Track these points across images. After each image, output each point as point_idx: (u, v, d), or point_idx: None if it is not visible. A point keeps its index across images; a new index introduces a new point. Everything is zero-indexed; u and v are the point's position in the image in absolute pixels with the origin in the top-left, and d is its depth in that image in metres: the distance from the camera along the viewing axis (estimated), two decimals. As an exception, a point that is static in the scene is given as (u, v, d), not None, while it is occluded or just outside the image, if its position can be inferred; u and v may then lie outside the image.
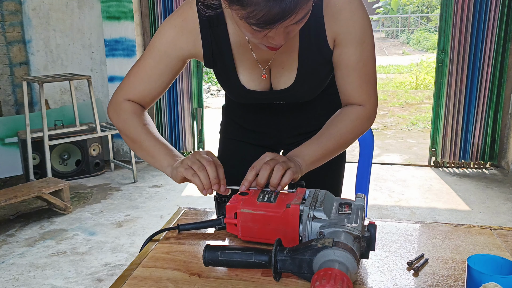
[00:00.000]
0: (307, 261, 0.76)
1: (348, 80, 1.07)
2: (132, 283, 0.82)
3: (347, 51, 1.03)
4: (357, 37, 1.02)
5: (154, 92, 1.12)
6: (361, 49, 1.04)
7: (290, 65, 1.08)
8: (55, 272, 2.55)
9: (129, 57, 4.36)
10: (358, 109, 1.09)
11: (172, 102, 4.55)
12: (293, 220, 0.85)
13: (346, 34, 1.02)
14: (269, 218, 0.87)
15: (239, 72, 1.10)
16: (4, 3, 4.34)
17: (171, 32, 1.07)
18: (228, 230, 0.94)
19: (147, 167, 4.46)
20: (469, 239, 0.96)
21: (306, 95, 1.14)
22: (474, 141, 4.17)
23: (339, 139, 1.06)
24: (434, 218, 3.26)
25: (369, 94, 1.09)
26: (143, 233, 3.01)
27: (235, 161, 1.29)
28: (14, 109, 4.55)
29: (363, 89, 1.08)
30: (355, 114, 1.09)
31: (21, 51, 4.57)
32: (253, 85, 1.11)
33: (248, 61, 1.09)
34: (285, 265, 0.78)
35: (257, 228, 0.89)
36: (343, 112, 1.10)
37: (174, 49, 1.08)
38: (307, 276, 0.76)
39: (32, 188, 3.20)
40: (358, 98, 1.09)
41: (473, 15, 3.90)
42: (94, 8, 4.43)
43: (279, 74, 1.10)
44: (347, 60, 1.05)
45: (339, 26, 1.01)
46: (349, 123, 1.08)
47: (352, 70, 1.05)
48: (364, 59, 1.05)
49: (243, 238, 0.92)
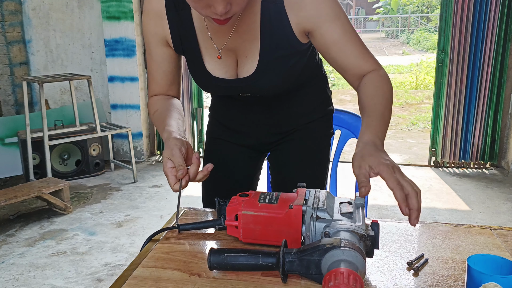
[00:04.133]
0: (316, 261, 0.75)
1: (346, 53, 1.03)
2: (132, 283, 0.82)
3: (327, 30, 1.01)
4: (330, 16, 1.00)
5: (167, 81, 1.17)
6: (340, 23, 1.01)
7: (253, 53, 1.06)
8: (55, 272, 2.55)
9: (129, 57, 4.36)
10: (375, 72, 1.05)
11: (172, 102, 4.55)
12: (296, 221, 0.85)
13: (316, 18, 1.00)
14: (271, 219, 0.87)
15: (205, 60, 1.10)
16: (4, 3, 4.34)
17: (145, 20, 1.11)
18: (228, 232, 0.93)
19: (147, 167, 4.46)
20: (469, 239, 0.96)
21: (270, 86, 1.11)
22: (474, 141, 4.17)
23: (386, 102, 1.01)
24: (434, 218, 3.26)
25: (372, 57, 1.06)
26: (143, 233, 3.01)
27: (218, 159, 1.30)
28: (14, 109, 4.55)
29: (365, 54, 1.05)
30: (377, 75, 1.04)
31: (21, 51, 4.57)
32: (218, 72, 1.10)
33: (211, 48, 1.08)
34: (293, 267, 0.77)
35: (259, 230, 0.88)
36: (367, 81, 1.04)
37: (152, 36, 1.12)
38: (316, 277, 0.76)
39: (32, 188, 3.19)
40: (366, 64, 1.05)
41: (473, 15, 3.90)
42: (94, 8, 4.43)
43: (243, 63, 1.09)
44: (332, 37, 1.02)
45: (306, 12, 1.00)
46: (380, 83, 1.03)
47: (344, 42, 1.02)
48: (348, 29, 1.02)
49: (245, 240, 0.91)
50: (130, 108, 4.49)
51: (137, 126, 4.52)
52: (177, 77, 1.19)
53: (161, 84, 1.18)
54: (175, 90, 1.21)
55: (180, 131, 1.05)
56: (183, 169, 0.92)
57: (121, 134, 4.46)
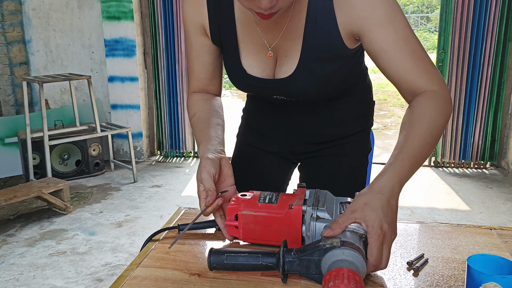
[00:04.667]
0: (316, 261, 0.75)
1: (397, 64, 0.90)
2: (132, 283, 0.81)
3: (377, 35, 0.89)
4: (382, 18, 0.88)
5: (207, 74, 1.10)
6: (394, 28, 0.89)
7: (294, 53, 0.98)
8: (55, 272, 2.54)
9: (129, 57, 4.36)
10: (429, 93, 0.90)
11: (172, 102, 4.55)
12: (296, 220, 0.85)
13: (366, 19, 0.89)
14: (271, 219, 0.87)
15: (242, 56, 1.03)
16: (4, 3, 4.34)
17: (184, 6, 1.05)
18: (228, 232, 0.93)
19: (147, 167, 4.46)
20: (469, 239, 0.96)
21: (307, 90, 1.02)
22: (474, 141, 4.17)
23: (428, 135, 0.85)
24: (434, 218, 3.26)
25: (430, 72, 0.91)
26: (143, 233, 3.01)
27: (247, 166, 1.25)
28: (14, 109, 4.55)
29: (420, 67, 0.90)
30: (429, 98, 0.89)
31: (21, 51, 4.57)
32: (255, 70, 1.03)
33: (252, 43, 1.01)
34: (292, 267, 0.77)
35: (259, 230, 0.88)
36: (415, 104, 0.90)
37: (191, 24, 1.04)
38: (315, 277, 0.76)
39: (32, 188, 3.19)
40: (420, 80, 0.90)
41: (473, 15, 3.90)
42: (94, 8, 4.43)
43: (282, 63, 1.01)
44: (381, 44, 0.89)
45: (355, 13, 0.89)
46: (429, 109, 0.87)
47: (394, 51, 0.89)
48: (403, 36, 0.89)
49: (244, 240, 0.91)
50: (130, 108, 4.49)
51: (137, 126, 4.52)
52: (217, 71, 1.12)
53: (200, 78, 1.11)
54: (216, 86, 1.14)
55: (218, 141, 0.99)
56: (211, 194, 0.88)
57: (121, 134, 4.45)
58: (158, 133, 4.70)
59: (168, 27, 4.36)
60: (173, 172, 4.30)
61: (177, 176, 4.19)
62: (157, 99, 4.59)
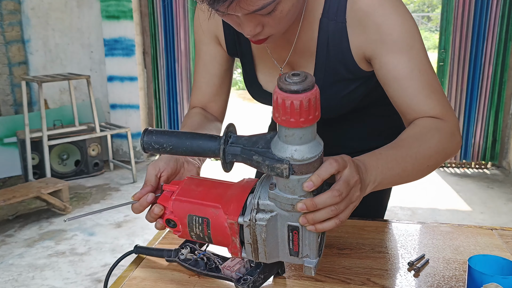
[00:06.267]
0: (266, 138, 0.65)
1: (408, 93, 0.84)
2: (132, 283, 0.81)
3: (388, 61, 0.83)
4: (398, 44, 0.82)
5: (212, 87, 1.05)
6: (409, 56, 0.82)
7: (309, 71, 0.95)
8: (54, 272, 2.54)
9: (128, 56, 4.36)
10: (437, 122, 0.84)
11: (172, 102, 4.55)
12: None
13: (379, 43, 0.83)
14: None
15: (258, 69, 1.02)
16: (3, 3, 4.33)
17: (197, 15, 1.03)
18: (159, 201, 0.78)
19: (146, 167, 4.45)
20: (470, 239, 0.96)
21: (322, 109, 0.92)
22: (475, 141, 4.17)
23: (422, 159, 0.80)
24: (435, 218, 3.26)
25: (443, 104, 0.85)
26: (142, 233, 3.01)
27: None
28: (13, 109, 4.54)
29: (432, 99, 0.84)
30: (437, 126, 0.83)
31: (20, 51, 4.57)
32: (271, 85, 1.01)
33: (267, 59, 1.00)
34: (237, 150, 0.66)
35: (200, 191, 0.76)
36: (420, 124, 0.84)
37: (204, 32, 1.02)
38: (263, 152, 0.64)
39: (31, 188, 3.19)
40: (431, 111, 0.84)
41: (474, 14, 3.89)
42: (93, 8, 4.42)
43: None
44: (394, 72, 0.83)
45: (368, 35, 0.84)
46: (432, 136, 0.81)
47: (408, 81, 0.83)
48: (418, 66, 0.83)
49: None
50: (129, 107, 4.49)
51: (136, 126, 4.51)
52: (223, 87, 1.07)
53: (203, 91, 1.06)
54: (218, 105, 1.08)
55: None
56: (143, 188, 0.80)
57: (120, 134, 4.45)
58: (157, 133, 4.69)
59: (167, 27, 4.35)
60: (173, 172, 4.30)
61: (177, 176, 4.18)
62: (156, 99, 4.58)
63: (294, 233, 0.68)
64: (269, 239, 0.69)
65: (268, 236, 0.68)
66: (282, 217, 0.68)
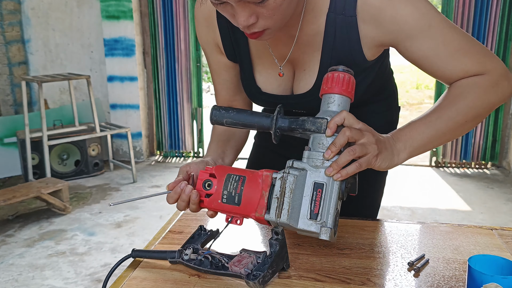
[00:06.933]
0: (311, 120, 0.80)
1: (439, 67, 0.88)
2: (132, 283, 0.81)
3: (411, 45, 0.87)
4: (415, 30, 0.85)
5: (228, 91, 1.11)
6: (430, 36, 0.85)
7: (312, 67, 0.95)
8: (54, 272, 2.54)
9: (129, 56, 4.36)
10: (476, 78, 0.88)
11: (172, 102, 4.55)
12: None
13: (398, 32, 0.86)
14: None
15: (256, 71, 1.02)
16: (3, 3, 4.33)
17: (197, 28, 1.05)
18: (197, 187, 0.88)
19: (146, 167, 4.46)
20: (470, 239, 0.96)
21: None
22: (475, 141, 4.17)
23: (455, 117, 0.86)
24: (435, 218, 3.26)
25: (479, 60, 0.88)
26: (142, 233, 3.01)
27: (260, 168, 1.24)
28: (13, 109, 4.54)
29: (465, 62, 0.87)
30: (474, 84, 0.87)
31: (20, 51, 4.57)
32: (270, 87, 1.01)
33: (266, 59, 1.00)
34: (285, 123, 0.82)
35: None
36: (457, 85, 0.89)
37: (206, 44, 1.05)
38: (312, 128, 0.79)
39: (31, 188, 3.19)
40: (468, 72, 0.88)
41: (474, 14, 3.89)
42: (93, 8, 4.42)
43: (300, 77, 0.98)
44: (419, 52, 0.87)
45: (384, 28, 0.86)
46: (466, 95, 0.87)
47: (435, 57, 0.87)
48: (442, 40, 0.85)
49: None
50: (129, 107, 4.49)
51: (136, 126, 4.51)
52: (239, 87, 1.10)
53: (223, 95, 1.12)
54: (240, 102, 1.13)
55: (222, 157, 1.05)
56: (176, 181, 0.88)
57: (121, 134, 4.45)
58: (157, 133, 4.70)
59: (167, 27, 4.35)
60: (173, 172, 4.30)
61: (177, 176, 4.18)
62: (156, 99, 4.58)
63: (318, 191, 0.77)
64: (296, 192, 0.77)
65: (295, 189, 0.77)
66: (310, 175, 0.78)
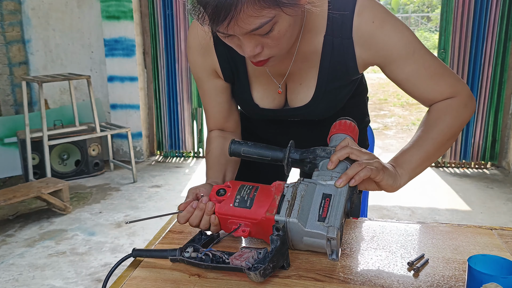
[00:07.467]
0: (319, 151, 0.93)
1: (419, 88, 1.01)
2: (132, 283, 0.81)
3: (397, 67, 0.99)
4: (402, 53, 0.97)
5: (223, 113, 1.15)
6: (413, 60, 0.97)
7: (309, 81, 1.04)
8: (55, 272, 2.54)
9: (129, 56, 4.36)
10: (449, 101, 1.01)
11: (172, 102, 4.55)
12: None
13: (387, 56, 0.98)
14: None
15: (253, 89, 1.08)
16: (4, 3, 4.33)
17: (191, 57, 1.09)
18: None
19: (146, 167, 4.46)
20: (470, 239, 0.96)
21: (322, 114, 1.10)
22: (475, 141, 4.17)
23: (438, 138, 0.99)
24: (434, 218, 3.26)
25: (451, 84, 1.01)
26: (142, 233, 3.01)
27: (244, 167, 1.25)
28: (14, 109, 4.54)
29: (441, 85, 1.00)
30: (448, 106, 1.00)
31: (21, 51, 4.57)
32: (267, 102, 1.08)
33: (262, 76, 1.06)
34: (296, 154, 0.94)
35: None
36: (434, 109, 1.02)
37: (202, 71, 1.09)
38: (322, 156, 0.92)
39: (32, 188, 3.19)
40: (442, 95, 1.01)
41: (473, 14, 3.89)
42: (93, 8, 4.42)
43: (296, 90, 1.06)
44: (403, 75, 1.00)
45: (376, 51, 0.98)
46: (444, 118, 1.00)
47: (416, 79, 0.99)
48: (422, 64, 0.98)
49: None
50: (129, 108, 4.49)
51: (136, 126, 4.52)
52: (233, 108, 1.16)
53: (217, 117, 1.16)
54: (232, 123, 1.18)
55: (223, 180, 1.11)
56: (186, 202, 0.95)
57: (121, 134, 4.45)
58: (157, 133, 4.70)
59: (167, 27, 4.35)
60: (173, 172, 4.30)
61: (177, 176, 4.18)
62: (156, 99, 4.58)
63: (326, 200, 0.85)
64: (306, 198, 0.85)
65: (306, 195, 0.85)
66: (320, 188, 0.87)
